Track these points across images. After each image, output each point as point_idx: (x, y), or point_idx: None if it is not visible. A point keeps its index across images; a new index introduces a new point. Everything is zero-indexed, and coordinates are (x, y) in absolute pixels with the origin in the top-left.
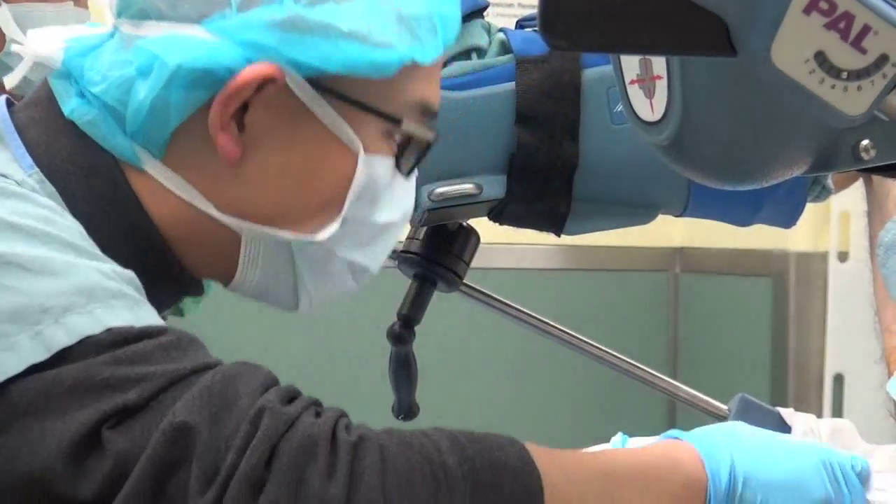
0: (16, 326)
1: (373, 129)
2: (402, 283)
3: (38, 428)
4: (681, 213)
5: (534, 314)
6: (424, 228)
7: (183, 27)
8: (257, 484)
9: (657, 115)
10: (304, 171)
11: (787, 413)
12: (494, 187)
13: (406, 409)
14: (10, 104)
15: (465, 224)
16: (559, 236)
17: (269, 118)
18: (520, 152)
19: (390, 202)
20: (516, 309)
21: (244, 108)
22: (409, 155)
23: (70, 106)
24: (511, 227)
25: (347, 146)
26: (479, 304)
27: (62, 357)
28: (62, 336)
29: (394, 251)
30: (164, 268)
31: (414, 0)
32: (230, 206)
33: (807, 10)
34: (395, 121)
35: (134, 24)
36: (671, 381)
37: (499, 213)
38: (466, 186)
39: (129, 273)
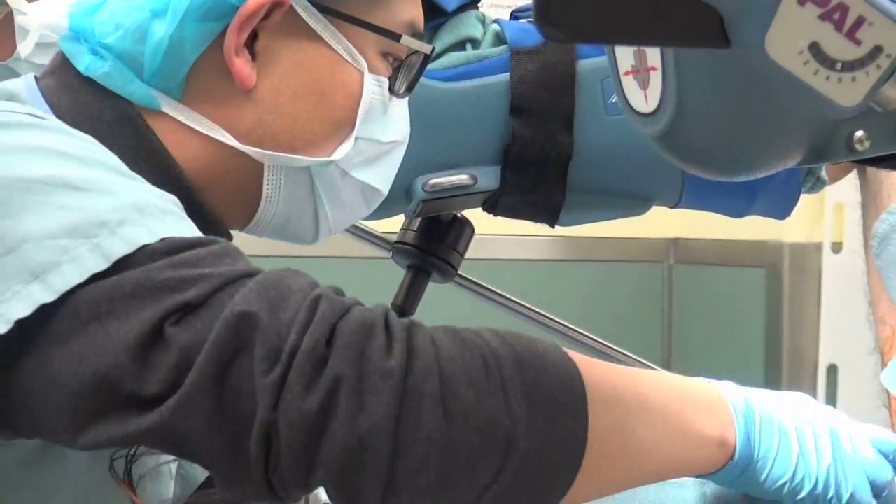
0: (75, 241)
1: (372, 49)
2: (397, 274)
3: (102, 331)
4: (675, 204)
5: (528, 305)
6: (419, 219)
7: None
8: (320, 360)
9: (652, 107)
10: (315, 92)
11: None
12: (489, 178)
13: None
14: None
15: (459, 215)
16: (553, 227)
17: (278, 43)
18: (514, 143)
19: (392, 123)
20: (510, 300)
21: (254, 37)
22: (406, 73)
23: (84, 63)
24: (506, 218)
25: (353, 65)
26: (474, 295)
27: (121, 265)
28: (120, 246)
29: (388, 242)
30: (196, 213)
31: None
32: (249, 135)
33: (801, 1)
34: (396, 37)
35: None
36: (666, 372)
37: (493, 204)
38: (461, 177)
39: (173, 196)
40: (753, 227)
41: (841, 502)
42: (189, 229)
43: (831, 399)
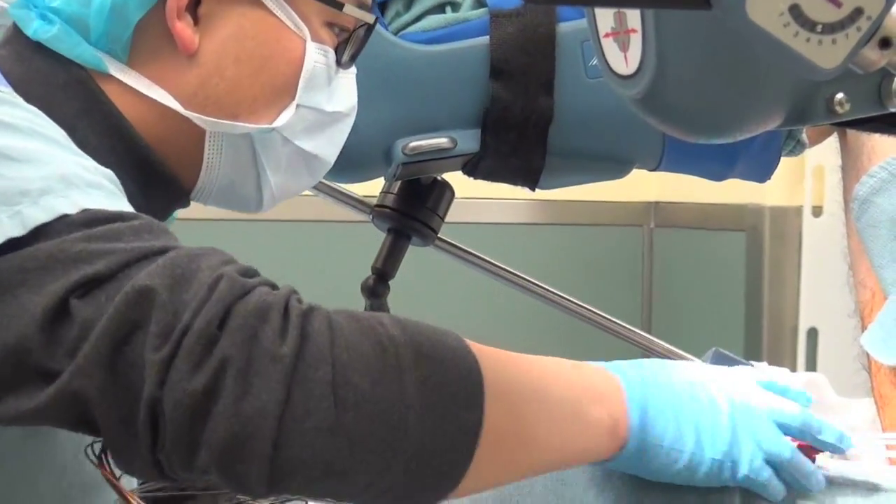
0: None
1: (315, 18)
2: (377, 238)
3: (14, 302)
4: (655, 168)
5: (508, 268)
6: (399, 183)
7: None
8: (210, 341)
9: (631, 69)
10: (257, 58)
11: (761, 367)
12: (469, 141)
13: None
14: None
15: (439, 178)
16: (534, 190)
17: (221, 7)
18: (494, 106)
19: (337, 91)
20: (490, 263)
21: (197, 2)
22: (350, 45)
23: (32, 27)
24: (485, 182)
25: (295, 33)
26: (454, 259)
27: (39, 235)
28: (39, 214)
29: (368, 205)
30: (152, 171)
31: None
32: (192, 100)
33: None
34: (338, 6)
35: None
36: (645, 334)
37: (473, 168)
38: (441, 140)
39: (109, 172)
40: (733, 191)
41: (736, 478)
42: (117, 204)
43: (811, 362)
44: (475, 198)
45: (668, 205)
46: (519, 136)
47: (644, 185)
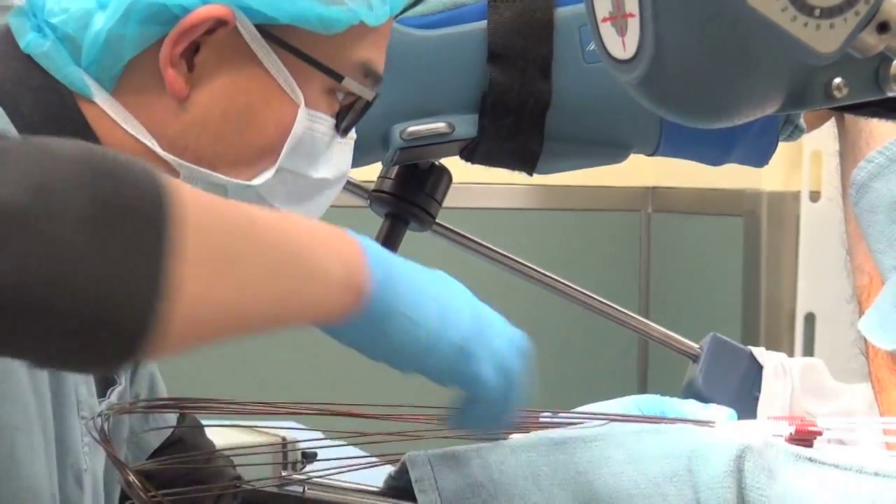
0: None
1: (316, 84)
2: (374, 222)
3: None
4: (653, 153)
5: (506, 253)
6: (396, 167)
7: None
8: None
9: (629, 53)
10: (246, 116)
11: (759, 352)
12: (466, 126)
13: None
14: None
15: (437, 163)
16: (531, 175)
17: (218, 60)
18: (492, 91)
19: (327, 160)
20: (488, 248)
21: (196, 49)
22: (350, 116)
23: (26, 39)
24: (483, 167)
25: (290, 97)
26: (452, 244)
27: None
28: None
29: (366, 190)
30: None
31: None
32: (172, 144)
33: None
34: (338, 77)
35: None
36: (643, 320)
37: (471, 153)
38: (438, 125)
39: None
40: (731, 176)
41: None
42: None
43: (809, 347)
44: (473, 183)
45: (665, 190)
46: (516, 120)
47: (641, 170)
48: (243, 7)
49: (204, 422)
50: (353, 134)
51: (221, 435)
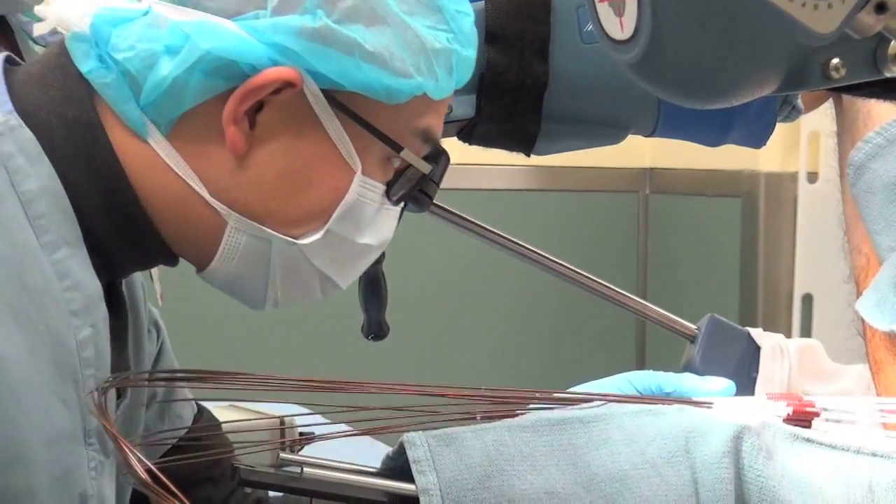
0: None
1: (373, 152)
2: None
3: None
4: (650, 133)
5: (503, 234)
6: None
7: (217, 19)
8: None
9: (627, 34)
10: (301, 179)
11: (757, 333)
12: (464, 107)
13: (376, 328)
14: (10, 61)
15: None
16: (529, 156)
17: (280, 121)
18: (489, 71)
19: (373, 226)
20: (486, 229)
21: (258, 106)
22: (401, 184)
23: (88, 66)
24: (481, 148)
25: (347, 163)
26: (449, 225)
27: None
28: None
29: None
30: (137, 230)
31: (438, 36)
32: (223, 193)
33: None
34: (397, 148)
35: (170, 7)
36: (641, 301)
37: (468, 133)
38: None
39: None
40: (729, 157)
41: None
42: None
43: (806, 328)
44: (470, 164)
45: (663, 171)
46: (514, 101)
47: (639, 152)
48: (311, 71)
49: (204, 403)
50: (401, 203)
51: (220, 417)
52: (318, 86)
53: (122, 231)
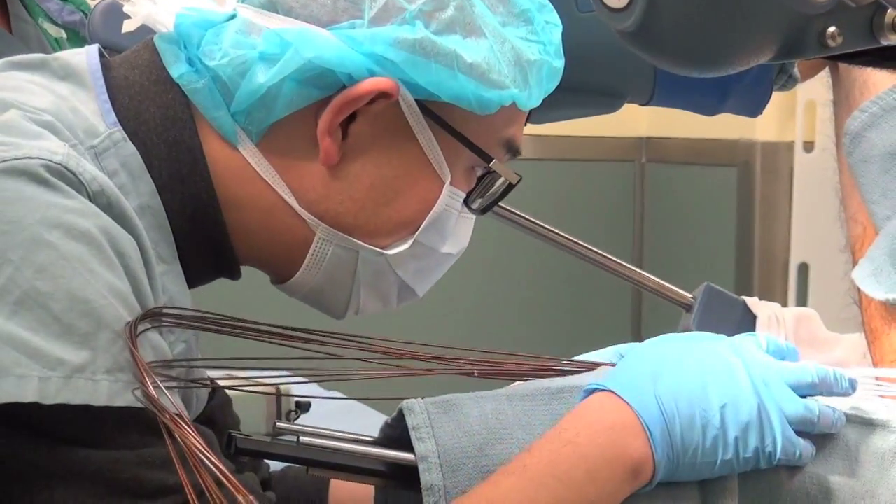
0: None
1: (460, 162)
2: None
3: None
4: (647, 102)
5: (500, 203)
6: None
7: (313, 27)
8: None
9: (623, 2)
10: (392, 189)
11: (752, 302)
12: None
13: None
14: (101, 54)
15: None
16: (525, 125)
17: (374, 131)
18: None
19: (455, 235)
20: None
21: (351, 117)
22: (481, 192)
23: (179, 70)
24: None
25: (437, 174)
26: None
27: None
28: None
29: None
30: (216, 250)
31: (532, 47)
32: (312, 204)
33: None
34: (488, 158)
35: (259, 13)
36: (637, 269)
37: None
38: None
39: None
40: (725, 126)
41: (771, 464)
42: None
43: (802, 297)
44: None
45: (659, 140)
46: None
47: (635, 121)
48: (407, 82)
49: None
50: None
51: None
52: (413, 96)
53: (201, 250)
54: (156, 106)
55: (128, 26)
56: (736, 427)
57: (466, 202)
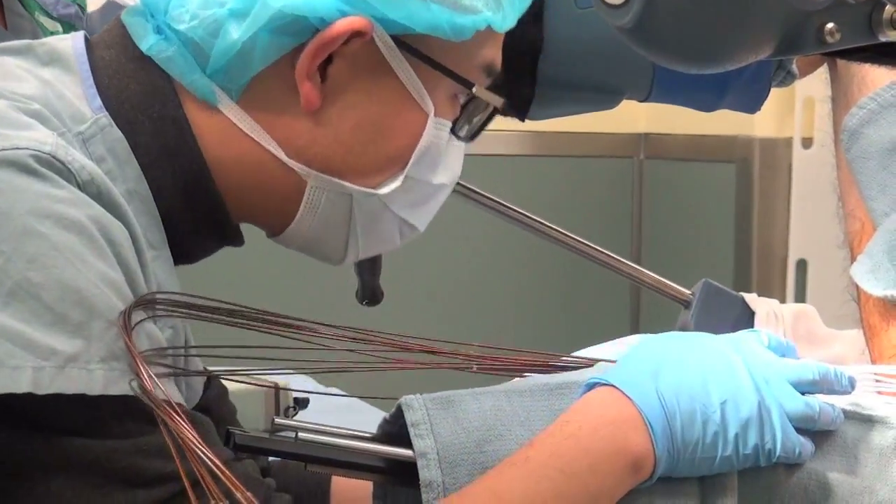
0: None
1: (442, 91)
2: None
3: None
4: (645, 98)
5: (498, 200)
6: None
7: None
8: None
9: None
10: (376, 126)
11: (751, 298)
12: None
13: (370, 293)
14: (86, 39)
15: None
16: (523, 121)
17: (352, 71)
18: None
19: (446, 165)
20: (480, 194)
21: (328, 60)
22: (467, 119)
23: (148, 42)
24: None
25: (420, 105)
26: None
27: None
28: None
29: None
30: (215, 219)
31: None
32: (300, 153)
33: None
34: (469, 85)
35: None
36: (635, 266)
37: None
38: None
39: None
40: (723, 122)
41: (770, 461)
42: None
43: (800, 293)
44: None
45: (657, 136)
46: (508, 66)
47: (634, 117)
48: (381, 18)
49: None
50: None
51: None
52: (388, 31)
53: (198, 221)
54: (136, 83)
55: (92, 5)
56: (736, 423)
57: (453, 131)
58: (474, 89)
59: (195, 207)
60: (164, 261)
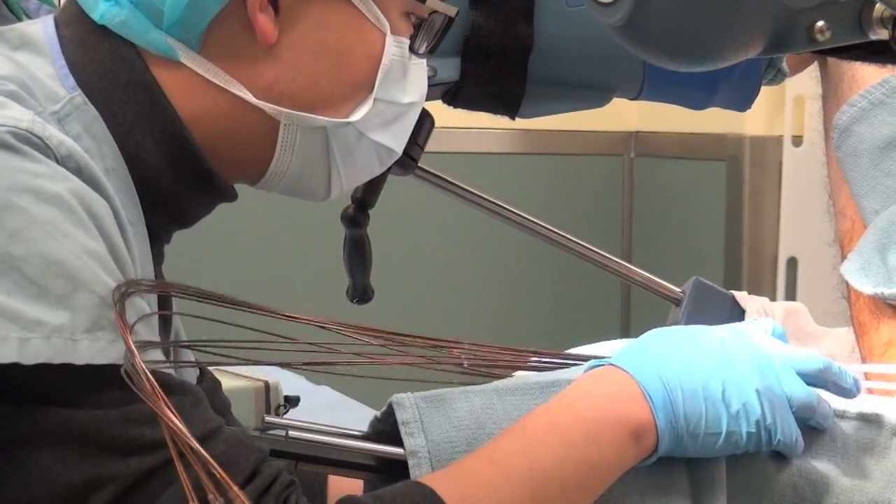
0: None
1: (395, 8)
2: None
3: (34, 465)
4: (636, 96)
5: (488, 198)
6: None
7: None
8: None
9: None
10: (336, 52)
11: (741, 296)
12: (449, 70)
13: (360, 292)
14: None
15: None
16: (514, 119)
17: (303, 0)
18: (474, 34)
19: (412, 82)
20: (471, 192)
21: None
22: (424, 34)
23: (99, 10)
24: (465, 111)
25: (376, 26)
26: (434, 188)
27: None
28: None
29: None
30: (201, 176)
31: None
32: (266, 92)
33: None
34: None
35: None
36: (626, 264)
37: (453, 97)
38: None
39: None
40: (714, 120)
41: (771, 446)
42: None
43: (791, 291)
44: (455, 127)
45: (648, 134)
46: (499, 64)
47: (624, 115)
48: None
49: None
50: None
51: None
52: None
53: (185, 181)
54: (100, 54)
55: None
56: (738, 401)
57: (412, 48)
58: (427, 1)
59: (180, 166)
60: (141, 238)
